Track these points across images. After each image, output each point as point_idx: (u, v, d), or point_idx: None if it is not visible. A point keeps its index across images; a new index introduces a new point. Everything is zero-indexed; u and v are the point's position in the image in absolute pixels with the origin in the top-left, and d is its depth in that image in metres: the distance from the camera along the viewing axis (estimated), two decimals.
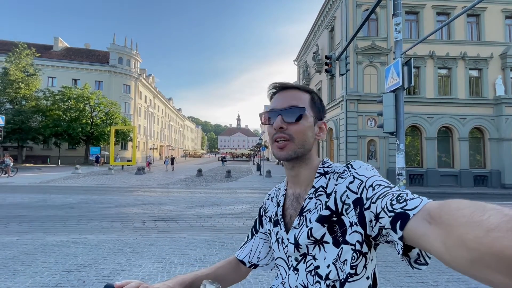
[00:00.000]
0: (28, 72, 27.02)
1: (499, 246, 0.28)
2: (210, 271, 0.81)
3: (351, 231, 0.61)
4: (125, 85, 38.22)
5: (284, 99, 0.73)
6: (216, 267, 0.84)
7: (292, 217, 0.74)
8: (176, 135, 72.05)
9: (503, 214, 0.31)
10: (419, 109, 15.70)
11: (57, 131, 26.36)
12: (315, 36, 23.26)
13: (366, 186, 0.59)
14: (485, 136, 16.10)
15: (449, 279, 3.59)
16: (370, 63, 16.07)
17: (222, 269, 0.84)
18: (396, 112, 6.35)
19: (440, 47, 16.10)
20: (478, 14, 16.40)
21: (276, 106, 0.73)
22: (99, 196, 10.07)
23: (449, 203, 0.39)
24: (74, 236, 5.13)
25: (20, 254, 4.10)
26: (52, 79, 34.76)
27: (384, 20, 16.19)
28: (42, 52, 33.70)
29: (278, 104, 0.73)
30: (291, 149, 0.69)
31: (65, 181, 14.57)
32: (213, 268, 0.83)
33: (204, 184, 15.13)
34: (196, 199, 9.83)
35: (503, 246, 0.28)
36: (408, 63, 6.15)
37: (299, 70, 29.29)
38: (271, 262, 0.86)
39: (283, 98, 0.73)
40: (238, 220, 6.91)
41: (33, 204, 8.28)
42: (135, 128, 29.56)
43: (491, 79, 16.14)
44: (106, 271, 3.58)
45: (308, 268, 0.67)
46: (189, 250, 4.48)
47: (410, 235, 0.44)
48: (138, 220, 6.62)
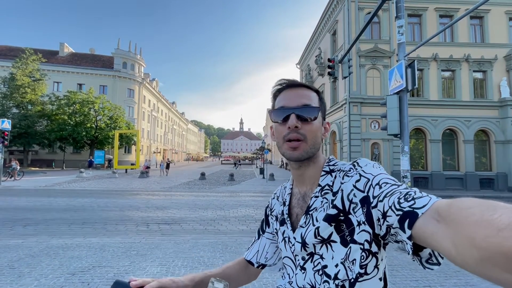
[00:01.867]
0: (34, 77, 27.42)
1: (509, 245, 0.28)
2: (219, 271, 0.81)
3: (359, 230, 0.60)
4: (129, 90, 38.58)
5: (295, 97, 0.71)
6: (225, 267, 0.85)
7: (298, 215, 0.73)
8: (179, 138, 72.37)
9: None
10: (423, 112, 15.59)
11: (62, 135, 26.61)
12: (317, 39, 23.33)
13: (372, 184, 0.59)
14: (491, 138, 15.90)
15: (457, 283, 3.53)
16: (373, 65, 16.04)
17: (230, 269, 0.84)
18: (400, 114, 6.31)
19: (444, 49, 16.03)
20: (481, 16, 16.34)
21: (287, 104, 0.70)
22: (103, 199, 10.12)
23: (459, 202, 0.38)
24: (79, 239, 5.16)
25: (25, 257, 4.13)
26: (58, 84, 35.23)
27: (386, 22, 16.20)
28: (48, 57, 34.23)
29: (289, 102, 0.70)
30: (304, 150, 0.68)
31: (69, 185, 14.68)
32: (222, 268, 0.84)
33: (207, 187, 15.13)
34: (199, 202, 9.83)
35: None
36: (412, 65, 6.13)
37: (302, 74, 29.35)
38: (279, 262, 0.86)
39: (295, 96, 0.71)
40: (242, 223, 6.89)
41: (38, 207, 8.35)
42: (139, 132, 29.73)
43: (495, 81, 15.99)
44: (110, 273, 3.58)
45: (316, 267, 0.66)
46: (192, 253, 4.47)
47: (419, 234, 0.43)
48: (142, 223, 6.64)
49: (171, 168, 26.06)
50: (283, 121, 0.70)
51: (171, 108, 62.42)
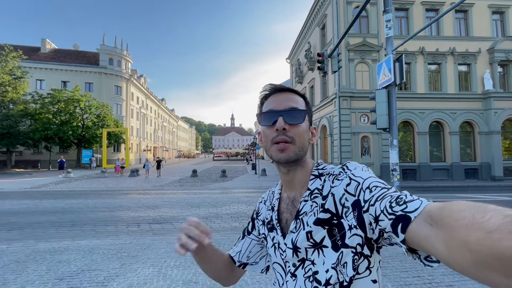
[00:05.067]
0: (15, 75, 26.28)
1: (500, 247, 0.29)
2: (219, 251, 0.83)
3: (350, 234, 0.60)
4: (116, 87, 37.59)
5: (282, 100, 0.72)
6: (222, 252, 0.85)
7: (288, 221, 0.73)
8: (169, 136, 71.42)
9: (503, 215, 0.31)
10: (410, 105, 15.90)
11: (47, 134, 25.77)
12: (307, 33, 23.30)
13: (363, 188, 0.59)
14: (475, 129, 16.42)
15: (444, 272, 3.64)
16: (362, 60, 16.19)
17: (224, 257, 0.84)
18: (388, 108, 6.40)
19: (430, 43, 16.32)
20: (466, 10, 16.68)
21: (274, 107, 0.71)
22: (92, 200, 9.90)
23: (450, 205, 0.38)
24: (67, 242, 5.02)
25: (10, 263, 3.99)
26: (41, 81, 33.96)
27: (374, 17, 16.32)
28: (29, 54, 32.81)
29: (276, 105, 0.71)
30: (292, 151, 0.68)
31: (56, 186, 14.28)
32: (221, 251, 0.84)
33: (199, 184, 15.04)
34: (191, 200, 9.75)
35: (504, 248, 0.28)
36: (400, 59, 6.20)
37: (292, 68, 29.33)
38: (260, 261, 0.86)
39: (282, 99, 0.72)
40: (234, 220, 6.88)
41: (24, 210, 8.09)
42: (128, 130, 29.15)
43: (479, 74, 16.45)
44: (100, 277, 3.51)
45: (307, 274, 0.65)
46: None
47: (412, 238, 0.43)
48: (132, 223, 6.53)
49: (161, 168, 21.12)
50: (271, 124, 0.70)
51: (161, 105, 61.37)
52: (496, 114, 15.76)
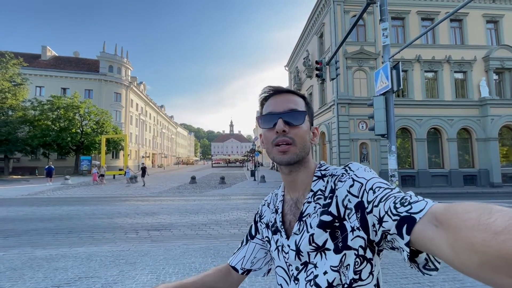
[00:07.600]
0: (15, 82, 26.40)
1: (507, 249, 0.28)
2: (196, 279, 0.79)
3: (353, 236, 0.60)
4: (116, 93, 37.78)
5: (282, 102, 0.71)
6: (204, 275, 0.82)
7: (291, 222, 0.72)
8: (168, 142, 71.36)
9: (509, 217, 0.31)
10: (408, 112, 16.03)
11: (46, 141, 25.70)
12: (305, 42, 23.63)
13: (366, 189, 0.58)
14: (473, 136, 16.52)
15: (445, 278, 3.62)
16: (359, 67, 16.39)
17: (210, 277, 0.82)
18: (386, 114, 6.46)
19: (426, 51, 16.57)
20: (460, 19, 17.02)
21: (274, 109, 0.71)
22: (90, 206, 9.82)
23: (455, 206, 0.38)
24: (64, 249, 4.97)
25: (6, 270, 3.93)
26: (40, 88, 34.08)
27: (371, 25, 16.60)
28: (29, 61, 33.04)
29: (276, 107, 0.71)
30: (293, 153, 0.68)
31: (54, 193, 14.17)
32: (200, 276, 0.81)
33: (198, 191, 14.96)
34: (190, 207, 9.69)
35: (510, 249, 0.28)
36: (396, 67, 6.30)
37: (290, 76, 29.61)
38: (264, 267, 0.85)
39: (281, 101, 0.71)
40: (233, 227, 6.84)
41: (20, 217, 8.00)
42: (127, 137, 29.11)
43: (475, 81, 16.67)
44: (98, 284, 3.46)
45: (308, 277, 0.65)
46: (183, 259, 4.39)
47: (417, 240, 0.43)
48: (130, 230, 6.48)
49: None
50: (271, 127, 0.70)
51: (160, 112, 61.55)
52: (493, 121, 15.90)
